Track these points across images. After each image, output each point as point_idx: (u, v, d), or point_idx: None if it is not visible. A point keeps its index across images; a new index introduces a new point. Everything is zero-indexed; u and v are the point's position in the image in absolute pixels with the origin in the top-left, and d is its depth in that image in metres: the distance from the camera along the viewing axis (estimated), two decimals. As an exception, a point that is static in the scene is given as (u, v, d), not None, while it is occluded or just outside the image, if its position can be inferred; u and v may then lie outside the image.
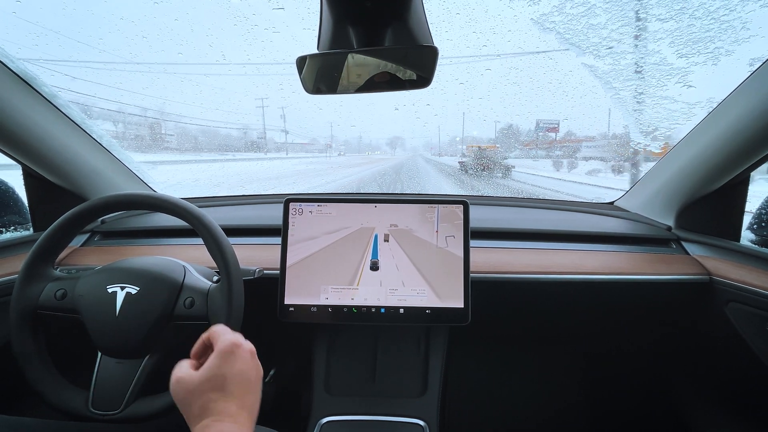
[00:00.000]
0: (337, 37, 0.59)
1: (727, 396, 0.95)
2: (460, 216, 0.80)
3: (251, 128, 16.04)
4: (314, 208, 0.82)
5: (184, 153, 8.15)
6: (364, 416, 0.80)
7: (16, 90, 0.79)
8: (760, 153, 0.76)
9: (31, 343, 0.61)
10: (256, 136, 15.12)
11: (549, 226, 1.01)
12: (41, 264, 0.65)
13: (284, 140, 14.11)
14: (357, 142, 17.02)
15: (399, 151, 15.31)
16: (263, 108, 12.35)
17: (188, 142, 9.24)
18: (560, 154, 6.32)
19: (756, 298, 0.75)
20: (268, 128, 14.07)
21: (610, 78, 1.13)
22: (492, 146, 6.39)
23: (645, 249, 0.96)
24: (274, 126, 14.41)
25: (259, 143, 13.94)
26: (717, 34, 0.91)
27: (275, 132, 14.98)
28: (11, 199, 0.99)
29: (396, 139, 16.93)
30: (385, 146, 17.03)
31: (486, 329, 1.18)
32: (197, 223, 0.65)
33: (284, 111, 12.16)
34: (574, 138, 6.27)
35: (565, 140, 6.19)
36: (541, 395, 1.25)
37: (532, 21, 1.20)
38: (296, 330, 0.97)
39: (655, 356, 1.14)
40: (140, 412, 0.59)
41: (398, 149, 15.61)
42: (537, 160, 6.63)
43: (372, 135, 24.39)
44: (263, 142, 14.18)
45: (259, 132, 14.94)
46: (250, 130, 15.75)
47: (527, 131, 6.12)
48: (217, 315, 0.62)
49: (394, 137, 17.74)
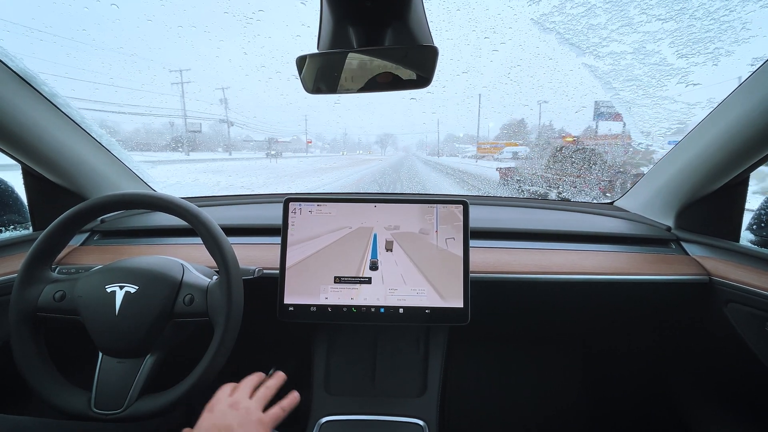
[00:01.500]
0: (337, 36, 0.59)
1: (727, 396, 0.95)
2: (460, 216, 0.80)
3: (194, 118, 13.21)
4: (314, 208, 0.82)
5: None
6: (364, 416, 0.80)
7: (16, 89, 0.79)
8: (759, 153, 0.77)
9: (32, 345, 0.61)
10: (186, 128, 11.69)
11: (549, 226, 1.01)
12: (39, 266, 0.65)
13: (246, 138, 11.63)
14: (342, 139, 15.45)
15: (390, 150, 14.06)
16: (181, 85, 9.75)
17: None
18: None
19: (755, 299, 0.75)
20: (206, 119, 11.60)
21: (609, 78, 1.13)
22: (570, 138, 4.18)
23: (645, 249, 0.96)
24: (212, 115, 11.68)
25: (192, 138, 11.05)
26: (717, 35, 0.91)
27: (215, 123, 12.22)
28: (11, 198, 0.99)
29: (387, 136, 15.43)
30: (374, 144, 15.47)
31: (486, 329, 1.18)
32: (196, 222, 0.65)
33: (225, 93, 10.29)
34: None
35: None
36: (541, 395, 1.25)
37: (532, 21, 1.20)
38: (296, 330, 0.97)
39: (654, 356, 1.14)
40: (143, 411, 0.59)
41: (389, 147, 14.35)
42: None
43: (360, 132, 21.60)
44: (195, 137, 11.14)
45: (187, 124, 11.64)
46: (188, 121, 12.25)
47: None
48: (216, 311, 0.62)
49: (385, 134, 16.18)
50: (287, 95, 8.85)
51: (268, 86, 10.12)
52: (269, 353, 1.20)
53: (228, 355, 0.62)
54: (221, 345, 0.60)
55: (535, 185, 3.18)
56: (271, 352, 1.20)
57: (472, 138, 8.49)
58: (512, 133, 8.43)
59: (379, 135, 15.76)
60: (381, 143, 14.59)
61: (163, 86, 12.71)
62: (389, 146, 13.96)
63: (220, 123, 11.55)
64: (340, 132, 16.72)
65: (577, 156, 2.81)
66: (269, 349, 1.21)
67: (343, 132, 15.15)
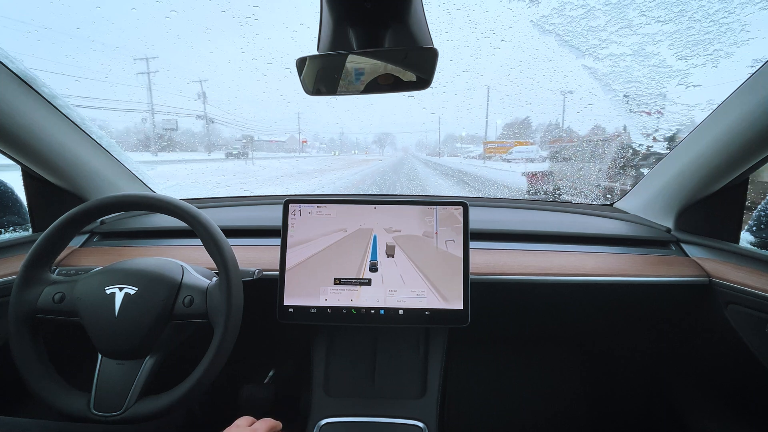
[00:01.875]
0: (337, 38, 0.59)
1: (727, 397, 0.95)
2: (460, 217, 0.80)
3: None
4: (314, 210, 0.82)
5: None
6: (363, 417, 0.80)
7: (16, 90, 0.79)
8: (759, 155, 0.77)
9: (31, 347, 0.61)
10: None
11: (549, 227, 1.01)
12: (39, 267, 0.65)
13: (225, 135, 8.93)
14: (339, 138, 14.56)
15: (389, 150, 13.32)
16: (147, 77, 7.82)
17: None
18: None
19: (755, 300, 0.75)
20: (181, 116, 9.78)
21: (609, 80, 1.13)
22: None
23: (644, 251, 0.96)
24: (189, 111, 10.20)
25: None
26: (716, 37, 0.91)
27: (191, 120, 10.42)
28: (10, 199, 0.99)
29: (385, 135, 14.51)
30: (372, 144, 14.75)
31: (485, 331, 1.18)
32: (195, 223, 0.65)
33: (202, 85, 8.62)
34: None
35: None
36: (541, 397, 1.25)
37: (532, 23, 1.21)
38: (295, 331, 0.97)
39: (654, 358, 1.14)
40: (143, 413, 0.59)
41: (387, 147, 13.60)
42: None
43: (357, 131, 18.89)
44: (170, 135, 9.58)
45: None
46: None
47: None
48: (216, 312, 0.62)
49: (383, 134, 15.19)
50: (285, 94, 7.96)
51: (267, 85, 9.46)
52: (269, 355, 1.20)
53: (228, 357, 0.62)
54: (221, 346, 0.60)
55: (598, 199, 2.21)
56: (271, 354, 1.20)
57: (474, 138, 7.95)
58: (518, 131, 7.94)
59: (377, 134, 15.17)
60: (379, 143, 14.03)
61: (183, 87, 11.73)
62: (388, 146, 13.41)
63: (198, 119, 10.63)
64: (337, 131, 15.90)
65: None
66: (269, 351, 1.21)
67: (340, 131, 14.39)
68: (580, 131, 4.44)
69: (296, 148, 12.88)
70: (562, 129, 4.83)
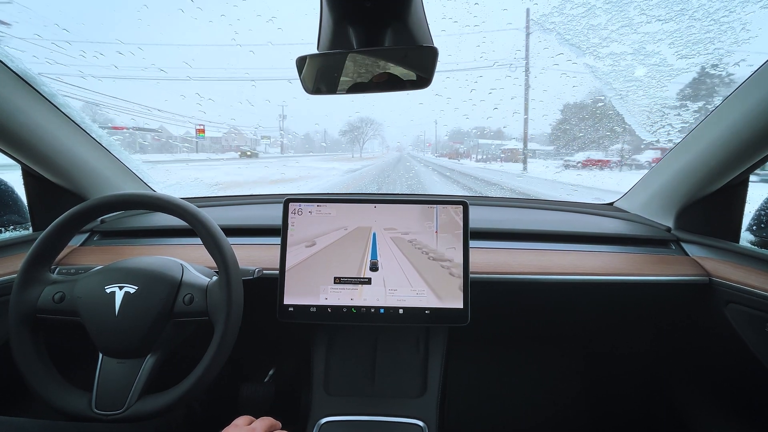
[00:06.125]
0: (337, 37, 0.59)
1: (727, 397, 0.95)
2: (460, 216, 0.80)
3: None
4: (314, 208, 0.82)
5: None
6: (364, 416, 0.80)
7: (16, 89, 0.79)
8: (759, 154, 0.77)
9: (31, 347, 0.61)
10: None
11: (549, 226, 1.01)
12: (39, 267, 0.65)
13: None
14: (322, 138, 11.30)
15: (375, 150, 10.31)
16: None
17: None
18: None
19: (755, 299, 0.75)
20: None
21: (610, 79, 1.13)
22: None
23: (644, 250, 0.96)
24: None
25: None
26: (717, 36, 0.91)
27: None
28: (10, 198, 0.99)
29: (367, 122, 11.28)
30: (346, 142, 11.34)
31: (485, 330, 1.18)
32: (195, 222, 0.65)
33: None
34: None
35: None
36: (541, 396, 1.25)
37: (533, 21, 1.20)
38: (295, 330, 0.97)
39: (654, 357, 1.14)
40: (144, 411, 0.59)
41: (369, 144, 10.60)
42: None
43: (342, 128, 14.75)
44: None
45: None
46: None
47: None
48: (216, 310, 0.62)
49: (365, 119, 11.60)
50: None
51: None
52: (269, 353, 1.21)
53: (228, 355, 0.62)
54: (221, 344, 0.60)
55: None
56: (271, 353, 1.20)
57: (499, 133, 6.24)
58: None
59: (351, 122, 10.72)
60: (353, 140, 10.38)
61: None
62: (370, 141, 9.95)
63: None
64: (312, 127, 12.79)
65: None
66: (269, 350, 1.21)
67: (315, 126, 11.64)
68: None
69: (240, 147, 9.82)
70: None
